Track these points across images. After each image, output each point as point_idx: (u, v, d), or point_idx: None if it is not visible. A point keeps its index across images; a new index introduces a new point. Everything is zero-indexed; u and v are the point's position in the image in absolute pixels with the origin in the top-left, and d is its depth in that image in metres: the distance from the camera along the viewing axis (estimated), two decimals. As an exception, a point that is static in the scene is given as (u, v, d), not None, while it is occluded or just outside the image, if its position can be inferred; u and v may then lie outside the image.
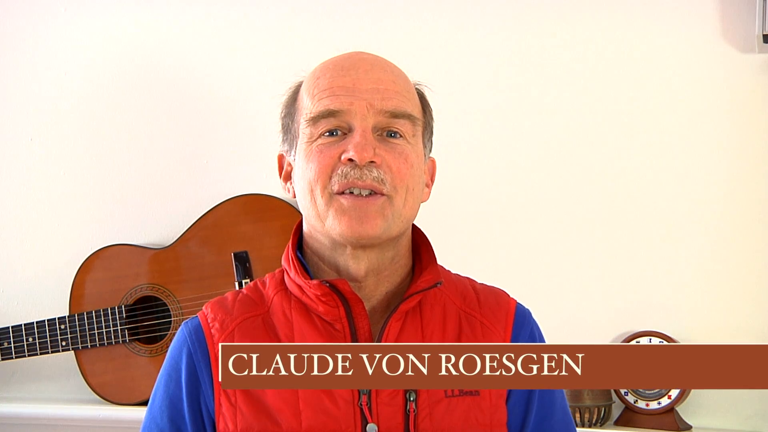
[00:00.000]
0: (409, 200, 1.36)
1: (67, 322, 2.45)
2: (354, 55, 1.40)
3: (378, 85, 1.35)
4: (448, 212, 2.37)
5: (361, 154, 1.31)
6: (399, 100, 1.36)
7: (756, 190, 2.28)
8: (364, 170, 1.32)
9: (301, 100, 1.39)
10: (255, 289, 1.43)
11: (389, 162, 1.33)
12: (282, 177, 1.45)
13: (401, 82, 1.38)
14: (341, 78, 1.35)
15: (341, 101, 1.34)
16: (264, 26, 2.56)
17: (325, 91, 1.35)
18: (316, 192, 1.34)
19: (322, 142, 1.35)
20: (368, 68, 1.36)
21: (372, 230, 1.32)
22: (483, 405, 1.35)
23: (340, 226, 1.32)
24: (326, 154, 1.33)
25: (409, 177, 1.35)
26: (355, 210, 1.32)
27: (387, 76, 1.36)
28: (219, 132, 2.57)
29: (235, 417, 1.34)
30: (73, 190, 2.63)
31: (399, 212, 1.34)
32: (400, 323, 1.36)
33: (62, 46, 2.65)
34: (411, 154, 1.36)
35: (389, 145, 1.35)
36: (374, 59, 1.39)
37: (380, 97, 1.34)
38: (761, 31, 2.20)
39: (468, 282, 1.46)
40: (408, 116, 1.36)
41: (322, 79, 1.36)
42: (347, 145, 1.33)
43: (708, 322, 2.29)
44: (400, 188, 1.34)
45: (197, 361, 1.37)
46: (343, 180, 1.32)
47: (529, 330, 1.43)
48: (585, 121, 2.38)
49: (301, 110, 1.38)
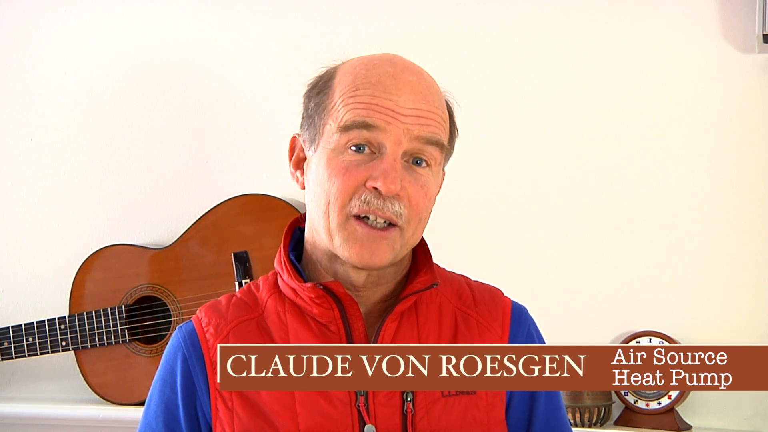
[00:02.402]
0: (419, 230, 1.35)
1: (67, 322, 2.45)
2: (399, 74, 1.33)
3: (419, 114, 1.31)
4: (448, 212, 2.35)
5: (388, 186, 1.28)
6: (435, 129, 1.33)
7: (756, 190, 2.28)
8: (386, 201, 1.30)
9: (334, 99, 1.33)
10: (248, 293, 1.42)
11: (410, 195, 1.31)
12: (292, 162, 1.41)
13: (440, 111, 1.35)
14: (383, 99, 1.30)
15: (380, 118, 1.30)
16: (264, 26, 2.56)
17: (363, 104, 1.30)
18: (333, 209, 1.31)
19: (349, 158, 1.31)
20: (411, 95, 1.31)
21: (380, 262, 1.31)
22: (480, 403, 1.35)
23: (350, 252, 1.31)
24: (352, 175, 1.30)
25: (425, 209, 1.34)
26: (368, 240, 1.30)
27: (428, 106, 1.32)
28: (219, 132, 2.57)
29: (232, 421, 1.33)
30: (73, 190, 2.63)
31: (407, 242, 1.34)
32: (395, 324, 1.36)
33: (62, 46, 2.65)
34: (432, 187, 1.34)
35: (414, 175, 1.32)
36: (418, 83, 1.33)
37: (419, 124, 1.31)
38: (761, 31, 2.20)
39: (463, 280, 1.46)
40: (440, 144, 1.34)
41: (362, 92, 1.31)
42: (375, 169, 1.29)
43: (708, 322, 2.29)
44: (413, 221, 1.33)
45: (192, 366, 1.36)
46: (365, 206, 1.30)
47: (527, 328, 1.42)
48: (584, 121, 2.38)
49: (332, 112, 1.33)
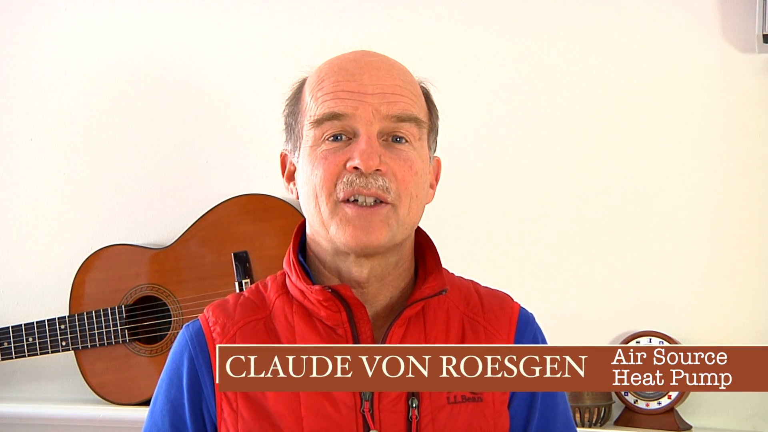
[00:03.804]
0: (413, 207, 1.34)
1: (67, 322, 2.44)
2: (359, 57, 1.37)
3: (384, 90, 1.33)
4: (448, 212, 2.36)
5: (366, 162, 1.29)
6: (405, 104, 1.34)
7: (756, 190, 2.28)
8: (369, 178, 1.30)
9: (305, 100, 1.37)
10: (257, 293, 1.42)
11: (394, 170, 1.32)
12: (285, 177, 1.43)
13: (408, 85, 1.36)
14: (346, 82, 1.33)
15: (346, 105, 1.32)
16: (264, 26, 2.55)
17: (329, 95, 1.33)
18: (321, 199, 1.32)
19: (326, 148, 1.33)
20: (374, 72, 1.34)
21: (377, 240, 1.31)
22: (486, 411, 1.34)
23: (345, 235, 1.31)
24: (331, 161, 1.32)
25: (414, 184, 1.34)
26: (359, 220, 1.31)
27: (393, 81, 1.34)
28: (219, 132, 2.57)
29: (236, 423, 1.33)
30: (73, 190, 2.62)
31: (403, 220, 1.33)
32: (403, 328, 1.35)
33: (62, 46, 2.65)
34: (416, 160, 1.34)
35: (394, 151, 1.33)
36: (380, 61, 1.36)
37: (386, 102, 1.32)
38: (761, 31, 2.20)
39: (472, 285, 1.45)
40: (414, 119, 1.34)
41: (327, 82, 1.34)
42: (352, 152, 1.31)
43: (708, 322, 2.28)
44: (404, 196, 1.32)
45: (199, 366, 1.36)
46: (349, 188, 1.31)
47: (532, 334, 1.41)
48: (584, 121, 2.38)
49: (305, 111, 1.36)
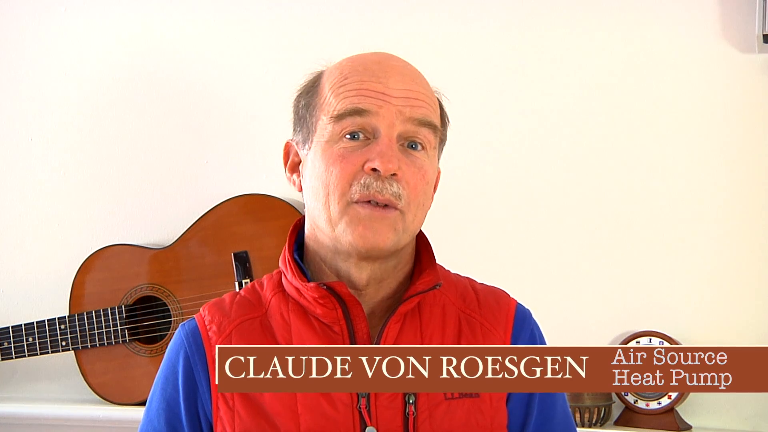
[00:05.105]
0: (419, 215, 1.35)
1: (67, 322, 2.45)
2: (384, 60, 1.36)
3: (408, 95, 1.33)
4: (449, 212, 2.36)
5: (386, 165, 1.29)
6: (426, 110, 1.34)
7: (756, 190, 2.28)
8: (385, 183, 1.30)
9: (323, 95, 1.36)
10: (252, 291, 1.42)
11: (408, 177, 1.32)
12: (287, 167, 1.42)
13: (428, 92, 1.37)
14: (371, 82, 1.32)
15: (371, 102, 1.32)
16: (264, 26, 2.56)
17: (353, 92, 1.32)
18: (333, 198, 1.32)
19: (344, 146, 1.32)
20: (398, 77, 1.34)
21: (383, 242, 1.31)
22: (483, 407, 1.34)
23: (353, 235, 1.31)
24: (349, 161, 1.31)
25: (423, 193, 1.34)
26: (370, 220, 1.30)
27: (416, 86, 1.35)
28: (219, 132, 2.57)
29: (233, 421, 1.33)
30: (73, 190, 2.63)
31: (408, 227, 1.33)
32: (399, 325, 1.35)
33: (62, 46, 2.65)
34: (429, 170, 1.35)
35: (410, 157, 1.33)
36: (404, 67, 1.36)
37: (409, 105, 1.33)
38: (761, 31, 2.20)
39: (468, 282, 1.45)
40: (433, 126, 1.35)
41: (351, 80, 1.33)
42: (371, 152, 1.31)
43: (708, 322, 2.28)
44: (413, 204, 1.33)
45: (194, 364, 1.36)
46: (365, 191, 1.30)
47: (530, 331, 1.41)
48: (584, 121, 2.38)
49: (323, 106, 1.35)
